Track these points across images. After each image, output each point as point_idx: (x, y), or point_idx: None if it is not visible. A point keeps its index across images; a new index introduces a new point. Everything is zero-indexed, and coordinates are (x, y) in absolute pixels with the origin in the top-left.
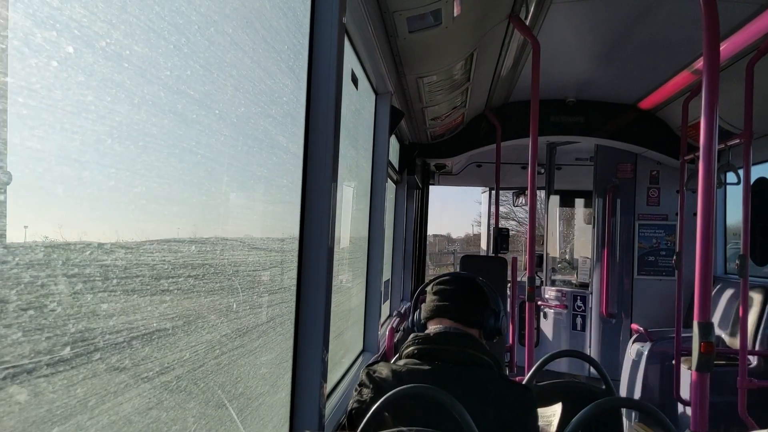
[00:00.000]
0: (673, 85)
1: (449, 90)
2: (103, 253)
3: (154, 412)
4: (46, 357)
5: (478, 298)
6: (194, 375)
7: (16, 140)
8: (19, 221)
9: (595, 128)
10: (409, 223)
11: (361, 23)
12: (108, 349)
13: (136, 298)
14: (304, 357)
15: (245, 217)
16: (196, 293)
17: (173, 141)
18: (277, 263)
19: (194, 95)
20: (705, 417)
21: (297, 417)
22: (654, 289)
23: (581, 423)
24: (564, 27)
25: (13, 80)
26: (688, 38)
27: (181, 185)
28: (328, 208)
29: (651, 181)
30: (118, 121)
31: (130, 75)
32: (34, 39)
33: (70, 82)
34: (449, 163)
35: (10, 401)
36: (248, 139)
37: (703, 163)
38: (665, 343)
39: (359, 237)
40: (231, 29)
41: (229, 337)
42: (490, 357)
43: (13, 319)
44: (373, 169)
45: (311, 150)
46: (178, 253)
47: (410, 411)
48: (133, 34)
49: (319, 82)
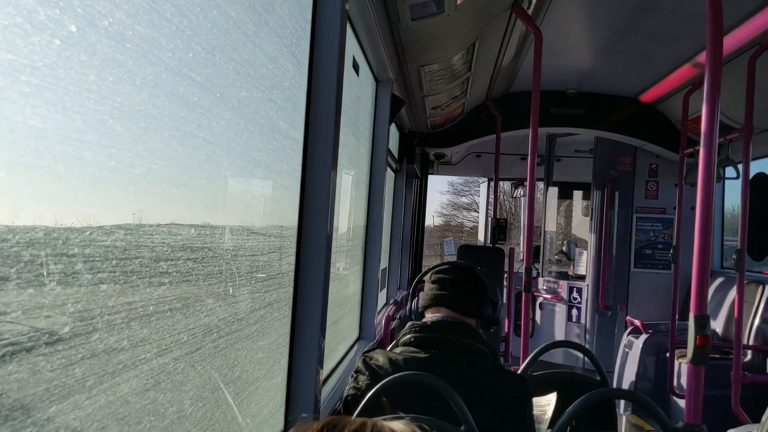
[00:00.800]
0: (675, 79)
1: (450, 79)
2: (103, 234)
3: (152, 393)
4: (45, 336)
5: (476, 288)
6: (192, 358)
7: (18, 118)
8: (20, 200)
9: (595, 120)
10: (408, 212)
11: (363, 9)
12: (106, 329)
13: (135, 279)
14: (301, 342)
15: (245, 201)
16: (195, 276)
17: (174, 123)
18: (275, 249)
19: (196, 78)
20: (699, 409)
21: (293, 402)
22: (650, 282)
23: (575, 413)
24: (567, 18)
25: (15, 57)
26: (691, 31)
27: (182, 168)
28: (327, 195)
29: (650, 175)
30: (120, 102)
31: (132, 56)
32: (37, 16)
33: (72, 61)
34: (449, 152)
35: (9, 379)
36: (249, 124)
37: (703, 157)
38: (660, 336)
39: (358, 225)
40: (234, 12)
41: (227, 321)
42: (487, 346)
43: (12, 297)
44: (373, 157)
45: (312, 136)
46: (178, 235)
47: (407, 399)
48: (135, 14)
49: (321, 68)
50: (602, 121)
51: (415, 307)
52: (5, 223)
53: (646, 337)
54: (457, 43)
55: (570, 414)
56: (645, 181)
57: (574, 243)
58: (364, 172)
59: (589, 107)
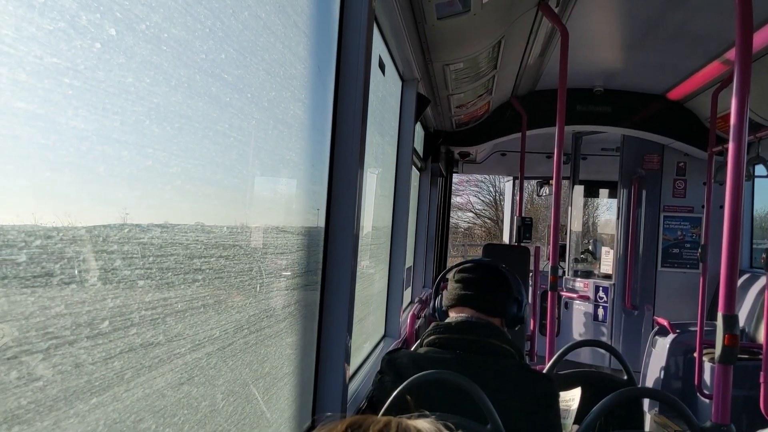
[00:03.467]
0: (703, 76)
1: (475, 78)
2: (141, 231)
3: (186, 387)
4: (86, 330)
5: (500, 287)
6: (223, 353)
7: (62, 120)
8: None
9: (622, 118)
10: (432, 211)
11: (389, 9)
12: (144, 324)
13: (171, 276)
14: (327, 340)
15: (273, 200)
16: (227, 273)
17: (207, 123)
18: (303, 246)
19: (228, 78)
20: (727, 410)
21: (320, 399)
22: (677, 282)
23: (603, 411)
24: (593, 15)
25: (59, 61)
26: (720, 28)
27: (214, 167)
28: (354, 194)
29: (678, 173)
30: (156, 103)
31: (168, 58)
32: (79, 21)
33: (111, 64)
34: (473, 151)
35: (54, 371)
36: (278, 123)
37: (732, 155)
38: (687, 336)
39: (383, 223)
40: (264, 13)
41: (257, 317)
42: (512, 346)
43: (56, 292)
44: (398, 156)
45: (339, 135)
46: (211, 233)
47: (432, 399)
48: (171, 17)
49: (348, 68)
50: (629, 118)
51: (438, 305)
52: (51, 221)
53: (674, 336)
54: (483, 42)
55: (597, 412)
56: (672, 179)
57: (600, 241)
58: (390, 171)
59: (615, 105)
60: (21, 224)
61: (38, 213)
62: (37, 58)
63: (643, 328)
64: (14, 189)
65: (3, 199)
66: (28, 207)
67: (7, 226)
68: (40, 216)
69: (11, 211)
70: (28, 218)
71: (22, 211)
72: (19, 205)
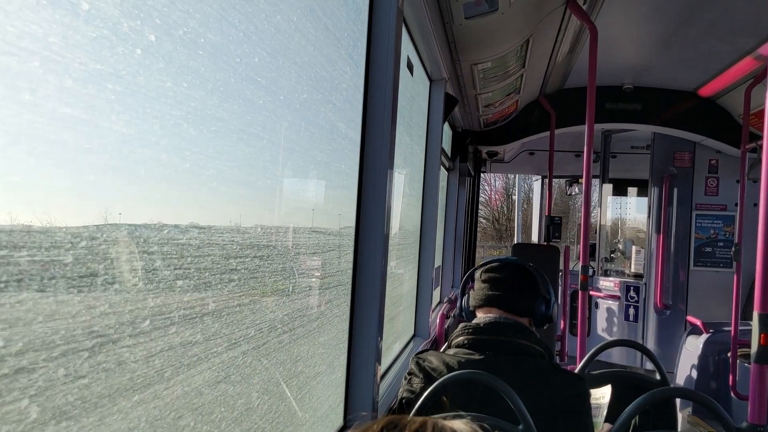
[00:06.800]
0: (735, 72)
1: (503, 77)
2: (179, 233)
3: (222, 385)
4: (129, 328)
5: (528, 286)
6: (258, 352)
7: (105, 124)
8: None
9: (652, 116)
10: (461, 210)
11: (417, 9)
12: (182, 323)
13: (208, 275)
14: (359, 339)
15: (305, 200)
16: (261, 273)
17: (242, 126)
18: (334, 247)
19: (261, 82)
20: (764, 410)
21: (351, 397)
22: (710, 281)
23: (636, 410)
24: (622, 11)
25: (103, 67)
26: (753, 22)
27: (248, 168)
28: (384, 194)
29: (710, 170)
30: (193, 107)
31: (204, 62)
32: (121, 27)
33: (151, 69)
34: (501, 150)
35: (98, 368)
36: (309, 125)
37: (767, 152)
38: (721, 336)
39: (412, 223)
40: (296, 17)
41: (290, 316)
42: (541, 346)
43: (101, 291)
44: (427, 156)
45: (368, 136)
46: (246, 234)
47: (463, 399)
48: (207, 22)
49: (377, 69)
50: (659, 116)
51: (465, 305)
52: (96, 222)
53: (707, 336)
54: (511, 41)
55: (631, 412)
56: (704, 177)
57: (631, 241)
58: (419, 171)
59: (645, 102)
60: (68, 226)
61: (83, 215)
62: (82, 65)
63: (676, 328)
64: (62, 192)
65: (51, 201)
66: (74, 209)
67: (54, 227)
68: (85, 218)
69: (59, 213)
70: (74, 220)
71: (68, 213)
72: (66, 207)
